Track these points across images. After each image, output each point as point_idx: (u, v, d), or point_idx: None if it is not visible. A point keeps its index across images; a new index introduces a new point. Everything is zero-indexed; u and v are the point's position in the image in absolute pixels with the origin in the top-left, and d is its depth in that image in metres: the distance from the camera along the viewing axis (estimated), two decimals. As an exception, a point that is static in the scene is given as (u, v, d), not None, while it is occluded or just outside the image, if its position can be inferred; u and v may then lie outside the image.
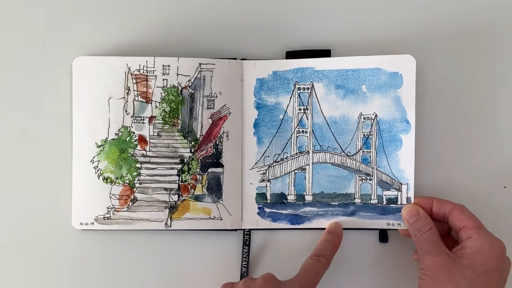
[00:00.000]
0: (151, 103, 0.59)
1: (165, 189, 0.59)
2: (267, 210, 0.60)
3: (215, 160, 0.59)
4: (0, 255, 0.60)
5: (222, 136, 0.59)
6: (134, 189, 0.59)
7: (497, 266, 0.51)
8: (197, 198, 0.59)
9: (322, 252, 0.56)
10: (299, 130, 0.60)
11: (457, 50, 0.61)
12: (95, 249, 0.60)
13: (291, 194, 0.60)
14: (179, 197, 0.59)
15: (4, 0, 0.61)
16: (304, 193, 0.60)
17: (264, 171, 0.60)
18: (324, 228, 0.59)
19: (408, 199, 0.58)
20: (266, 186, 0.60)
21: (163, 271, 0.60)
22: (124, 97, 0.59)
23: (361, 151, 0.60)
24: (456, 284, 0.50)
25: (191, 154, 0.59)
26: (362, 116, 0.59)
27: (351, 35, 0.61)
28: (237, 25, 0.61)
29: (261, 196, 0.60)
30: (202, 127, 0.59)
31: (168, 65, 0.59)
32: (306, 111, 0.60)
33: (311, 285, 0.53)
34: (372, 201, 0.59)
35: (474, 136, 0.61)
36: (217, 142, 0.59)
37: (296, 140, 0.60)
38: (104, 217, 0.58)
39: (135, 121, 0.59)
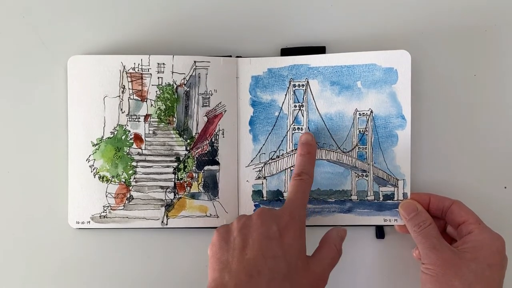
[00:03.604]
0: (146, 101, 0.59)
1: (161, 187, 0.59)
2: (264, 207, 0.60)
3: (211, 157, 0.59)
4: (-3, 254, 0.60)
5: (217, 133, 0.59)
6: (130, 188, 0.59)
7: (500, 260, 0.52)
8: (193, 196, 0.59)
9: (302, 169, 0.55)
10: (294, 127, 0.60)
11: (453, 46, 0.61)
12: (91, 248, 0.60)
13: (287, 191, 0.60)
14: (175, 195, 0.59)
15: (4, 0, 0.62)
16: (301, 190, 0.59)
17: (260, 168, 0.60)
18: (321, 225, 0.58)
19: (404, 195, 0.58)
20: (262, 184, 0.60)
21: (159, 269, 0.60)
22: (119, 96, 0.59)
23: (357, 147, 0.59)
24: (462, 277, 0.50)
25: (186, 152, 0.59)
26: (358, 112, 0.59)
27: (346, 32, 0.61)
28: (232, 22, 0.61)
29: (257, 193, 0.60)
30: (197, 125, 0.59)
31: (163, 63, 0.59)
32: (301, 108, 0.60)
33: (301, 206, 0.53)
34: (368, 198, 0.59)
35: (470, 132, 0.60)
36: (213, 140, 0.59)
37: (292, 137, 0.60)
38: (100, 216, 0.58)
39: (130, 119, 0.59)
